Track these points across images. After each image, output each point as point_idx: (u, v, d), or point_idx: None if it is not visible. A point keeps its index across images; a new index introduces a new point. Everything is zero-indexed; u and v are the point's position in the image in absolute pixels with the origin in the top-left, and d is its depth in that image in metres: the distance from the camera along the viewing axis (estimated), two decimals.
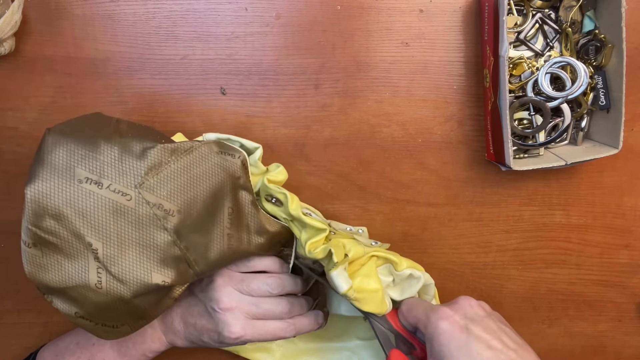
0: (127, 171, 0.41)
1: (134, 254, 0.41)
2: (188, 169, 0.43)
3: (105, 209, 0.40)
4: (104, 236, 0.40)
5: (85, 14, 0.51)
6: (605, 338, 0.61)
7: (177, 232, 0.42)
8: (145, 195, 0.41)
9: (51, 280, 0.41)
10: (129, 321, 0.44)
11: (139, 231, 0.41)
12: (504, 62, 0.47)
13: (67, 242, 0.40)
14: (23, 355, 0.58)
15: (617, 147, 0.50)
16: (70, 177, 0.40)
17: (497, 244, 0.58)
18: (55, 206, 0.39)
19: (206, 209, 0.44)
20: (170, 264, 0.42)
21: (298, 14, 0.52)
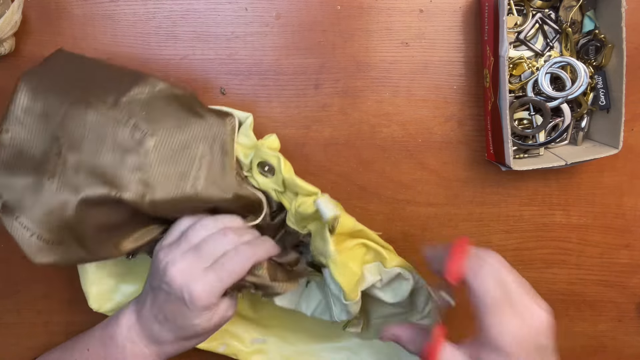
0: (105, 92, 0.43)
1: (98, 162, 0.41)
2: (169, 101, 0.44)
3: (77, 118, 0.41)
4: (72, 136, 0.41)
5: (85, 14, 0.51)
6: (605, 338, 0.61)
7: (146, 152, 0.42)
8: (126, 110, 0.42)
9: (15, 183, 0.41)
10: (65, 239, 0.42)
11: (112, 142, 0.41)
12: (504, 62, 0.47)
13: (40, 141, 0.41)
14: (23, 355, 0.58)
15: (617, 147, 0.50)
16: (59, 99, 0.42)
17: (497, 244, 0.58)
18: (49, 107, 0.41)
19: (180, 143, 0.43)
20: (130, 180, 0.42)
21: (298, 14, 0.52)
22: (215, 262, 0.42)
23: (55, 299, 0.57)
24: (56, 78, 0.43)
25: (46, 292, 0.56)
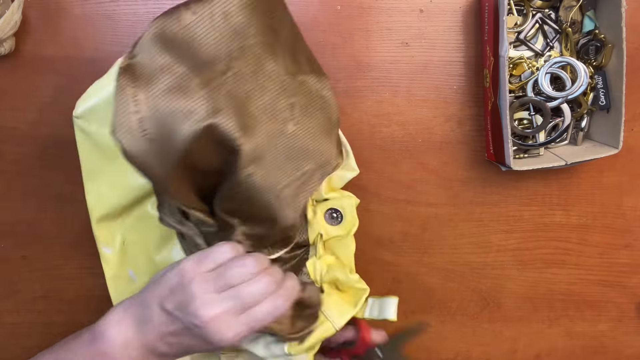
0: (301, 64, 0.42)
1: (247, 106, 0.40)
2: (325, 120, 0.44)
3: (231, 42, 0.39)
4: (242, 74, 0.39)
5: (85, 14, 0.51)
6: (605, 338, 0.61)
7: (282, 132, 0.42)
8: (294, 90, 0.42)
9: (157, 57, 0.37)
10: (154, 147, 0.38)
11: (264, 95, 0.41)
12: (504, 62, 0.47)
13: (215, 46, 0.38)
14: (23, 355, 0.58)
15: (617, 147, 0.50)
16: (267, 15, 0.39)
17: (497, 244, 0.58)
18: (238, 13, 0.38)
19: (303, 149, 0.44)
20: (254, 139, 0.40)
21: (298, 14, 0.52)
22: (248, 311, 0.41)
23: (55, 299, 0.57)
24: (267, 7, 0.41)
25: (46, 292, 0.56)
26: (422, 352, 0.60)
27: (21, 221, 0.54)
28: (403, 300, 0.59)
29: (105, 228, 0.51)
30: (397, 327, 0.53)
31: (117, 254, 0.52)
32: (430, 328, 0.60)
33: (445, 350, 0.60)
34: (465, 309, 0.59)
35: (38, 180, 0.53)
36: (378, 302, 0.51)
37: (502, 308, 0.59)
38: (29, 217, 0.54)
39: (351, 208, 0.49)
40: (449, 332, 0.60)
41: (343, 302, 0.51)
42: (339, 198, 0.49)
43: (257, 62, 0.40)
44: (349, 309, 0.49)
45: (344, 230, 0.50)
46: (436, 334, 0.60)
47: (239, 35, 0.39)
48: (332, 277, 0.50)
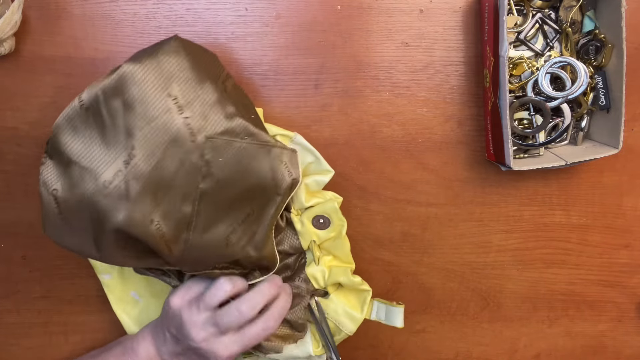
0: (209, 119, 0.41)
1: (154, 187, 0.40)
2: (251, 157, 0.43)
3: (169, 132, 0.40)
4: (149, 152, 0.39)
5: (85, 14, 0.51)
6: (605, 338, 0.61)
7: (203, 194, 0.42)
8: (206, 149, 0.41)
9: (71, 144, 0.39)
10: (81, 238, 0.42)
11: (177, 170, 0.40)
12: (504, 62, 0.47)
13: (114, 130, 0.39)
14: (23, 355, 0.58)
15: (617, 147, 0.50)
16: (163, 86, 0.40)
17: (497, 244, 0.58)
18: (134, 96, 0.39)
19: (235, 196, 0.44)
20: (175, 215, 0.41)
21: (298, 14, 0.52)
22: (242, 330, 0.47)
23: (55, 299, 0.57)
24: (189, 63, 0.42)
25: (46, 292, 0.56)
26: (422, 352, 0.60)
27: (21, 221, 0.54)
28: (403, 300, 0.59)
29: None
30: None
31: (117, 279, 0.54)
32: (431, 328, 0.60)
33: (445, 350, 0.60)
34: (465, 309, 0.59)
35: (38, 180, 0.53)
36: (385, 308, 0.53)
37: (502, 308, 0.59)
38: (29, 217, 0.54)
39: (335, 211, 0.50)
40: (449, 332, 0.60)
41: (350, 306, 0.53)
42: (322, 204, 0.50)
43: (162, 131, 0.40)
44: (357, 314, 0.53)
45: (335, 232, 0.51)
46: (436, 334, 0.60)
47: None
48: (335, 280, 0.52)
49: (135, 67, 0.39)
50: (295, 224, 0.51)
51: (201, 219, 0.43)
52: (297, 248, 0.52)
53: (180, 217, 0.42)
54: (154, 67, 0.40)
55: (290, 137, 0.49)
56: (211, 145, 0.41)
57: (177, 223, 0.41)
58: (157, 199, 0.40)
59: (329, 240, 0.52)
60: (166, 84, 0.40)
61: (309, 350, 0.53)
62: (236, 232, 0.45)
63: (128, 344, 0.51)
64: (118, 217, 0.39)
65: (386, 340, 0.60)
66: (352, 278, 0.52)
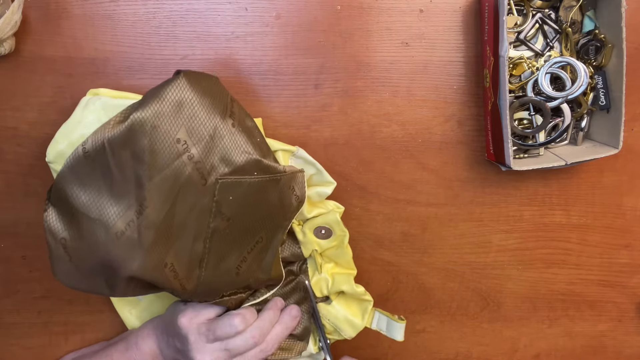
0: (218, 161, 0.41)
1: (167, 233, 0.40)
2: (260, 191, 0.43)
3: (180, 179, 0.40)
4: (161, 201, 0.39)
5: (85, 14, 0.51)
6: (605, 338, 0.61)
7: (214, 232, 0.42)
8: (216, 190, 0.41)
9: (78, 196, 0.38)
10: (93, 281, 0.41)
11: (188, 213, 0.40)
12: (504, 62, 0.47)
13: (123, 181, 0.38)
14: (23, 355, 0.58)
15: (617, 147, 0.50)
16: (172, 132, 0.39)
17: (497, 244, 0.58)
18: (144, 146, 0.38)
19: (245, 228, 0.44)
20: (187, 255, 0.41)
21: (298, 14, 0.52)
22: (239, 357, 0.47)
23: (55, 299, 0.57)
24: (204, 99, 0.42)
25: (46, 292, 0.56)
26: (422, 352, 0.60)
27: (21, 221, 0.54)
28: (403, 300, 0.59)
29: None
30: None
31: None
32: (431, 328, 0.60)
33: (445, 350, 0.60)
34: (465, 309, 0.59)
35: (38, 180, 0.53)
36: (386, 320, 0.54)
37: (502, 308, 0.59)
38: (28, 217, 0.54)
39: (337, 222, 0.51)
40: (449, 332, 0.60)
41: (351, 315, 0.53)
42: (324, 215, 0.50)
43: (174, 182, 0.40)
44: (358, 321, 0.53)
45: (336, 242, 0.52)
46: (436, 334, 0.60)
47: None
48: (339, 289, 0.53)
49: (143, 116, 0.38)
50: (297, 234, 0.51)
51: (212, 255, 0.43)
52: (298, 255, 0.52)
53: (193, 257, 0.42)
54: (162, 114, 0.39)
55: (292, 152, 0.49)
56: (221, 186, 0.41)
57: (189, 262, 0.42)
58: (169, 242, 0.40)
59: (330, 249, 0.52)
60: (175, 129, 0.39)
61: (309, 349, 0.53)
62: (246, 261, 0.46)
63: (132, 340, 0.51)
64: (132, 266, 0.39)
65: (386, 340, 0.60)
66: (355, 288, 0.52)
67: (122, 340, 0.52)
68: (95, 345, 0.56)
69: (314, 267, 0.53)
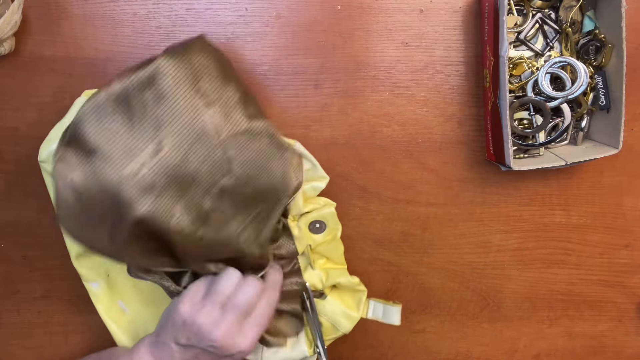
0: (233, 118, 0.42)
1: (179, 180, 0.40)
2: (268, 157, 0.44)
3: (196, 127, 0.40)
4: (176, 145, 0.39)
5: (85, 14, 0.51)
6: (605, 338, 0.61)
7: (222, 191, 0.42)
8: (228, 146, 0.42)
9: (96, 133, 0.38)
10: (96, 230, 0.41)
11: (200, 165, 0.41)
12: (504, 62, 0.47)
13: (142, 121, 0.39)
14: (23, 355, 0.58)
15: (617, 147, 0.50)
16: (193, 81, 0.40)
17: (497, 244, 0.58)
18: (167, 88, 0.39)
19: (250, 194, 0.45)
20: (195, 209, 0.41)
21: (298, 14, 0.52)
22: (251, 315, 0.46)
23: (55, 299, 0.57)
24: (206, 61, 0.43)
25: (46, 292, 0.56)
26: (422, 352, 0.60)
27: (21, 221, 0.54)
28: (403, 300, 0.59)
29: (86, 264, 0.53)
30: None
31: (105, 288, 0.54)
32: (431, 328, 0.60)
33: (445, 350, 0.60)
34: (465, 309, 0.59)
35: (38, 180, 0.53)
36: (382, 306, 0.54)
37: (502, 308, 0.59)
38: (28, 217, 0.54)
39: (332, 215, 0.51)
40: (449, 332, 0.60)
41: (346, 306, 0.54)
42: (318, 209, 0.51)
43: (193, 116, 0.41)
44: (353, 313, 0.53)
45: (330, 235, 0.52)
46: (436, 334, 0.60)
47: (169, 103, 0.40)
48: (334, 282, 0.53)
49: (169, 62, 0.39)
50: (293, 229, 0.51)
51: (217, 215, 0.43)
52: (292, 252, 0.52)
53: (200, 212, 0.42)
54: (186, 63, 0.40)
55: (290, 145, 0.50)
56: (234, 143, 0.42)
57: (196, 218, 0.42)
58: (180, 192, 0.40)
59: (323, 244, 0.53)
60: (196, 80, 0.40)
61: (304, 351, 0.53)
62: (247, 230, 0.46)
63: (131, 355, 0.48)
64: (142, 208, 0.38)
65: (386, 340, 0.60)
66: (351, 278, 0.53)
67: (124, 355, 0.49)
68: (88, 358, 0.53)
69: (306, 265, 0.53)
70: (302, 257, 0.53)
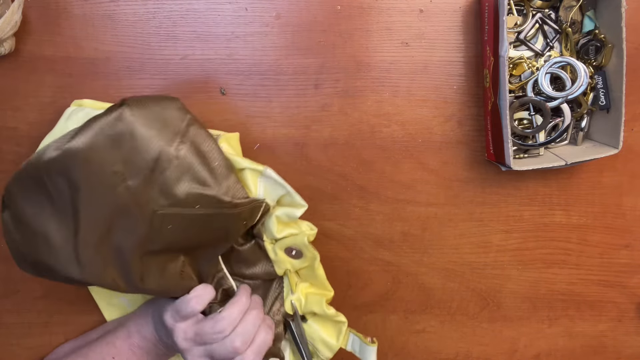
0: (157, 193, 0.41)
1: (103, 253, 0.41)
2: (202, 222, 0.44)
3: (115, 207, 0.40)
4: (95, 225, 0.40)
5: (85, 14, 0.51)
6: (605, 338, 0.61)
7: (152, 252, 0.43)
8: (154, 219, 0.41)
9: (24, 207, 0.39)
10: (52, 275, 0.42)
11: (125, 237, 0.41)
12: (504, 62, 0.47)
13: (61, 202, 0.39)
14: (23, 355, 0.58)
15: (617, 147, 0.50)
16: (109, 163, 0.39)
17: (497, 244, 0.58)
18: (79, 177, 0.38)
19: (185, 247, 0.45)
20: (126, 271, 0.42)
21: (298, 14, 0.52)
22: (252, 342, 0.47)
23: (55, 299, 0.57)
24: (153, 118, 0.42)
25: (46, 292, 0.56)
26: (422, 352, 0.60)
27: None
28: (403, 300, 0.59)
29: None
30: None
31: None
32: (431, 328, 0.60)
33: (445, 350, 0.60)
34: (465, 309, 0.59)
35: None
36: (359, 343, 0.53)
37: (502, 308, 0.59)
38: None
39: (305, 246, 0.50)
40: (449, 332, 0.60)
41: (326, 334, 0.53)
42: (293, 236, 0.49)
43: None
44: (333, 343, 0.53)
45: (307, 262, 0.51)
46: (436, 334, 0.60)
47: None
48: (310, 310, 0.52)
49: (77, 147, 0.38)
50: (269, 252, 0.50)
51: (152, 270, 0.43)
52: (271, 274, 0.51)
53: (132, 273, 0.42)
54: (98, 147, 0.39)
55: (260, 171, 0.47)
56: (158, 216, 0.41)
57: (130, 277, 0.42)
58: (107, 261, 0.41)
59: (303, 269, 0.52)
60: (111, 161, 0.39)
61: None
62: (186, 264, 0.46)
63: (132, 327, 0.51)
64: (73, 275, 0.40)
65: (386, 341, 0.60)
66: (326, 310, 0.51)
67: (122, 327, 0.52)
68: (91, 333, 0.56)
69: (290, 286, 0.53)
70: (286, 278, 0.53)
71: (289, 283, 0.52)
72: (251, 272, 0.51)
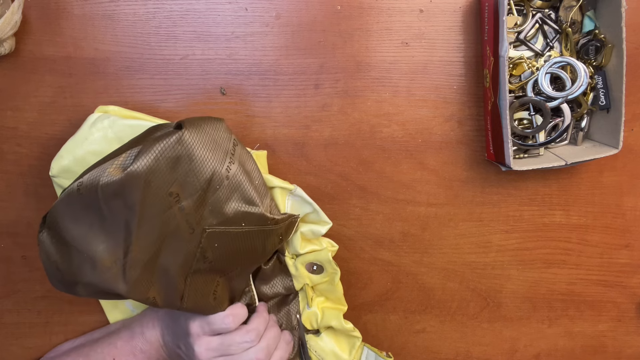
0: (207, 213, 0.42)
1: (149, 273, 0.41)
2: (246, 240, 0.45)
3: (168, 228, 0.41)
4: (147, 245, 0.40)
5: (85, 14, 0.51)
6: (605, 338, 0.61)
7: (195, 272, 0.44)
8: (202, 238, 0.42)
9: (71, 230, 0.39)
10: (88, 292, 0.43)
11: (173, 257, 0.42)
12: (504, 62, 0.47)
13: (113, 223, 0.39)
14: (23, 355, 0.58)
15: (617, 147, 0.50)
16: (165, 186, 0.39)
17: (497, 244, 0.58)
18: (135, 199, 0.38)
19: (226, 265, 0.46)
20: (169, 291, 0.43)
21: (298, 14, 0.52)
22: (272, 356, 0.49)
23: (55, 299, 0.57)
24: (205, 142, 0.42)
25: (46, 292, 0.56)
26: (422, 352, 0.60)
27: (21, 221, 0.54)
28: (403, 300, 0.59)
29: None
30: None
31: None
32: (431, 328, 0.60)
33: (445, 350, 0.60)
34: (465, 309, 0.59)
35: (38, 180, 0.53)
36: (374, 355, 0.54)
37: (502, 308, 0.59)
38: (29, 217, 0.54)
39: (329, 261, 0.51)
40: (449, 332, 0.60)
41: (339, 348, 0.54)
42: (316, 252, 0.51)
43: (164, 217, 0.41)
44: (344, 355, 0.53)
45: (328, 277, 0.52)
46: (436, 334, 0.60)
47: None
48: (328, 324, 0.53)
49: (138, 171, 0.38)
50: (290, 267, 0.51)
51: (192, 290, 0.44)
52: (290, 288, 0.52)
53: (174, 293, 0.43)
54: (158, 170, 0.39)
55: (289, 190, 0.49)
56: (208, 235, 0.42)
57: (170, 297, 0.43)
58: (152, 280, 0.42)
59: (322, 284, 0.53)
60: (168, 183, 0.40)
61: None
62: (219, 284, 0.47)
63: (136, 329, 0.52)
64: (119, 290, 0.40)
65: (386, 340, 0.60)
66: (344, 324, 0.52)
67: (126, 329, 0.52)
68: (95, 333, 0.56)
69: (306, 300, 0.53)
70: (301, 293, 0.53)
71: (305, 297, 0.53)
72: (270, 288, 0.52)
